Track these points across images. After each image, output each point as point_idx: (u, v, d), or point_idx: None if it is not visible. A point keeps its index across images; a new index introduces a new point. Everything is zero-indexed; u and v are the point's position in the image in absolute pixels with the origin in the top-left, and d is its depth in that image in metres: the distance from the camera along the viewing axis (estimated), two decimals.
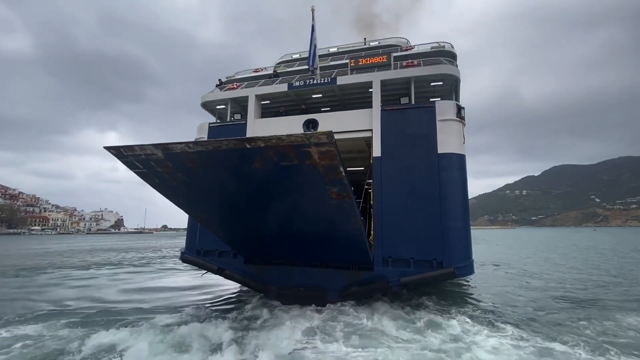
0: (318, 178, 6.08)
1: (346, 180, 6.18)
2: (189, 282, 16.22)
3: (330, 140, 5.30)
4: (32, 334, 8.17)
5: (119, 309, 11.05)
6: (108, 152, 6.17)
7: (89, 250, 39.24)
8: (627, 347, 7.26)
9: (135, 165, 6.40)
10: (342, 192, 6.44)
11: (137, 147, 6.01)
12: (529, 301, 11.78)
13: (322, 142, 5.31)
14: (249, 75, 15.27)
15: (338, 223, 7.64)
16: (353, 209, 7.04)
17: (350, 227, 7.76)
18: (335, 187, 6.33)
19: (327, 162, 5.71)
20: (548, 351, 6.83)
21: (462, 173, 10.15)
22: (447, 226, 9.54)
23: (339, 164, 5.77)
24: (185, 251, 12.17)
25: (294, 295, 10.54)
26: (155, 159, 6.10)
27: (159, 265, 24.27)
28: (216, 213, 8.19)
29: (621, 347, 7.20)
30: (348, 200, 6.66)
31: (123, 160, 6.32)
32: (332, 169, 5.87)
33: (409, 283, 9.45)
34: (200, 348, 7.05)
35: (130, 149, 6.07)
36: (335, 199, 6.63)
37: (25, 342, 7.60)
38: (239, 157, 5.79)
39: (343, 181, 6.15)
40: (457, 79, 11.51)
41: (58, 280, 17.11)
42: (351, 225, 7.63)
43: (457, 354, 6.58)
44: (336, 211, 7.07)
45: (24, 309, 10.99)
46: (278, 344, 7.12)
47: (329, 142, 5.32)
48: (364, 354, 6.66)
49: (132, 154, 6.13)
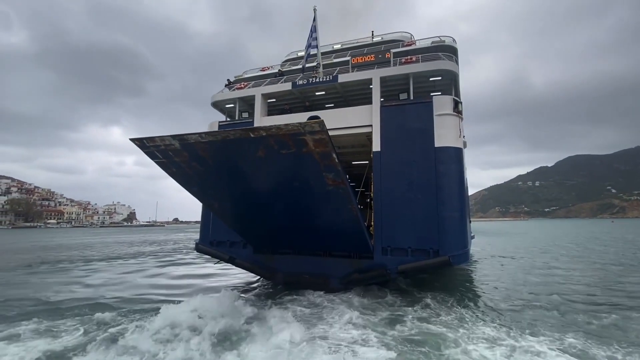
0: (314, 165, 6.82)
1: (340, 167, 6.91)
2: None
3: (322, 128, 6.05)
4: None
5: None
6: (133, 143, 7.04)
7: (129, 243, 41.29)
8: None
9: (155, 156, 7.24)
10: (337, 178, 7.18)
11: (157, 138, 6.86)
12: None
13: (315, 130, 6.08)
14: (256, 74, 15.92)
15: (336, 210, 8.34)
16: (348, 196, 7.75)
17: (347, 215, 8.45)
18: (331, 174, 7.07)
19: (321, 149, 6.46)
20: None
21: (459, 166, 10.66)
22: (444, 217, 10.08)
23: (332, 151, 6.52)
24: (199, 242, 13.07)
25: (299, 282, 11.32)
26: (173, 149, 6.94)
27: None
28: (226, 201, 8.99)
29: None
30: (343, 187, 7.38)
31: (145, 151, 7.15)
32: (326, 156, 6.62)
33: (405, 270, 10.08)
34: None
35: (151, 140, 6.92)
36: (331, 186, 7.36)
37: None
38: (244, 145, 6.57)
39: (337, 167, 6.89)
40: (456, 74, 11.94)
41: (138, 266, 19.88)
42: (348, 212, 8.31)
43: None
44: (333, 198, 7.78)
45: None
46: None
47: (321, 130, 6.08)
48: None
49: (153, 145, 6.97)
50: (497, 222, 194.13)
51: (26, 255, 26.80)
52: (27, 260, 23.60)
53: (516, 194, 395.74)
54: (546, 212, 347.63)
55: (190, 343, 6.82)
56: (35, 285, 14.32)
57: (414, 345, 6.96)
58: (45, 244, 40.96)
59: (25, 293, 12.49)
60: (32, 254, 27.75)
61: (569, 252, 25.05)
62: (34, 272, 17.95)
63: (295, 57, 17.55)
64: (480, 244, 31.35)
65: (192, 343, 6.82)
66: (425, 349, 6.76)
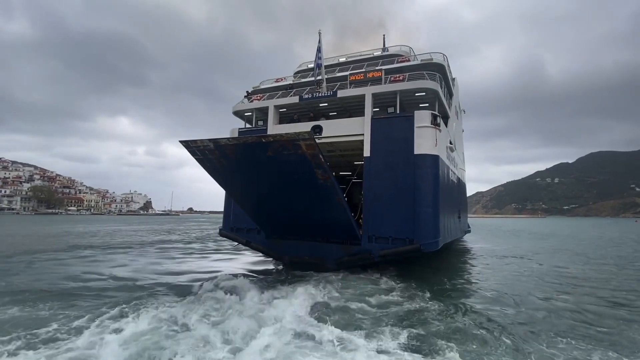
0: (307, 163, 9.68)
1: (326, 165, 9.79)
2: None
3: (310, 137, 9.03)
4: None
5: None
6: (181, 144, 9.99)
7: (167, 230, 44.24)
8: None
9: (196, 153, 10.18)
10: (325, 174, 10.00)
11: (198, 140, 9.82)
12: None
13: (306, 137, 9.04)
14: (271, 85, 18.87)
15: (326, 200, 11.05)
16: (334, 188, 10.55)
17: (336, 205, 11.17)
18: (320, 170, 9.90)
19: (311, 151, 9.33)
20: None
21: (435, 170, 13.06)
22: (419, 212, 12.53)
23: (319, 152, 9.39)
24: (222, 228, 16.13)
25: (301, 263, 14.07)
26: (208, 148, 9.85)
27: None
28: (245, 189, 11.91)
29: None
30: (330, 181, 10.22)
31: (189, 150, 10.07)
32: (315, 156, 9.49)
33: (385, 255, 12.62)
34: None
35: (194, 142, 9.87)
36: (321, 179, 10.15)
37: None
38: (258, 147, 9.51)
39: (324, 165, 9.76)
40: (437, 92, 14.34)
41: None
42: (336, 202, 11.02)
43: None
44: (323, 189, 10.55)
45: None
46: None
47: (309, 138, 9.03)
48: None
49: (195, 146, 9.92)
50: (513, 218, 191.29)
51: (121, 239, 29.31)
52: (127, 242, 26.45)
53: (534, 191, 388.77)
54: (565, 209, 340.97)
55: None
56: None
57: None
58: (97, 229, 43.14)
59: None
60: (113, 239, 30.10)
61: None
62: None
63: (306, 68, 20.37)
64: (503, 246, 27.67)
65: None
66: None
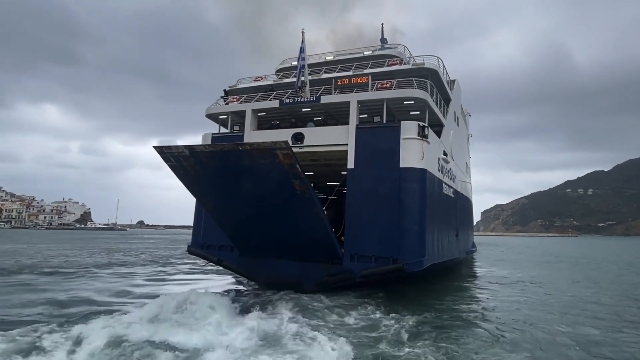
0: (284, 172, 11.61)
1: (304, 175, 11.77)
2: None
3: (287, 146, 10.92)
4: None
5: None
6: (155, 150, 11.90)
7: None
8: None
9: (169, 160, 12.02)
10: (302, 184, 12.00)
11: (173, 147, 11.79)
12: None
13: (283, 147, 10.93)
14: (249, 85, 21.20)
15: (305, 212, 12.98)
16: (312, 200, 12.61)
17: (315, 219, 13.18)
18: (297, 180, 11.88)
19: (288, 161, 11.24)
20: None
21: (421, 184, 15.29)
22: (404, 229, 14.60)
23: (296, 162, 11.33)
24: (191, 245, 18.04)
25: (277, 283, 15.84)
26: (183, 155, 11.75)
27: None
28: (219, 199, 13.75)
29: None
30: (307, 192, 12.24)
31: (163, 156, 11.94)
32: (292, 166, 11.43)
33: (367, 275, 14.49)
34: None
35: (168, 148, 11.81)
36: (299, 190, 12.13)
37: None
38: (235, 155, 11.45)
39: (301, 176, 11.73)
40: (426, 101, 16.77)
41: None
42: (315, 215, 13.02)
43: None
44: (300, 200, 12.48)
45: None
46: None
47: (286, 147, 10.93)
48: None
49: (169, 152, 11.81)
50: (538, 237, 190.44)
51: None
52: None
53: (563, 204, 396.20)
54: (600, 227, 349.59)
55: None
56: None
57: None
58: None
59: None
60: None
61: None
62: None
63: (289, 66, 22.77)
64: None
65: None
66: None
